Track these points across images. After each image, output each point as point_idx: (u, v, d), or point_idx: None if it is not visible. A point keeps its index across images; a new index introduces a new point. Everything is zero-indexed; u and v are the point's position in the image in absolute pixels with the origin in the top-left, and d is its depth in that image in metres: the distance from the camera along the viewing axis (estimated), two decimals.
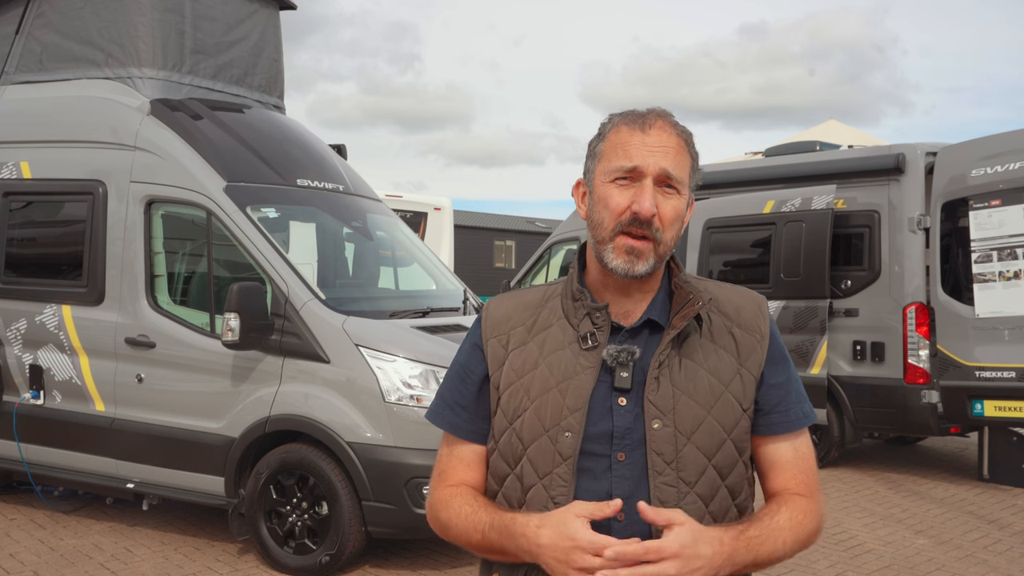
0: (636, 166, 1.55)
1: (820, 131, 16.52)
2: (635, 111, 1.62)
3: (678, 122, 1.61)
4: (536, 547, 1.49)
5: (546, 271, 11.28)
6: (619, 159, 1.57)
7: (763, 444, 1.66)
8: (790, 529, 1.58)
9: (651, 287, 1.65)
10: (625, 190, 1.56)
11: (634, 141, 1.57)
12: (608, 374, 1.59)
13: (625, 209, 1.55)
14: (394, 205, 9.71)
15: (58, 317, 5.95)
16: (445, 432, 1.74)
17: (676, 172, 1.57)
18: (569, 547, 1.45)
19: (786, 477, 1.65)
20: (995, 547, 6.06)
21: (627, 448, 1.56)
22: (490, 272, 32.29)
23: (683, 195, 1.60)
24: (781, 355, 1.68)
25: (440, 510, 1.68)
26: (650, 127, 1.57)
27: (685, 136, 1.61)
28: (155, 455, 5.62)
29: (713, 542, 1.48)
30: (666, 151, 1.56)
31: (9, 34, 6.66)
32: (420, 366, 5.11)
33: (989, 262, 7.29)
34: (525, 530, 1.52)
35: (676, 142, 1.58)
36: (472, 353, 1.72)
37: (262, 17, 6.98)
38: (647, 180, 1.55)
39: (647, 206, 1.54)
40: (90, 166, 6.00)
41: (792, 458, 1.66)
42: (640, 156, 1.56)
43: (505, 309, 1.72)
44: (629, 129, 1.58)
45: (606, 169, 1.59)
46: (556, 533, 1.47)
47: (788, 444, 1.66)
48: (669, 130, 1.58)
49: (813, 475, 1.67)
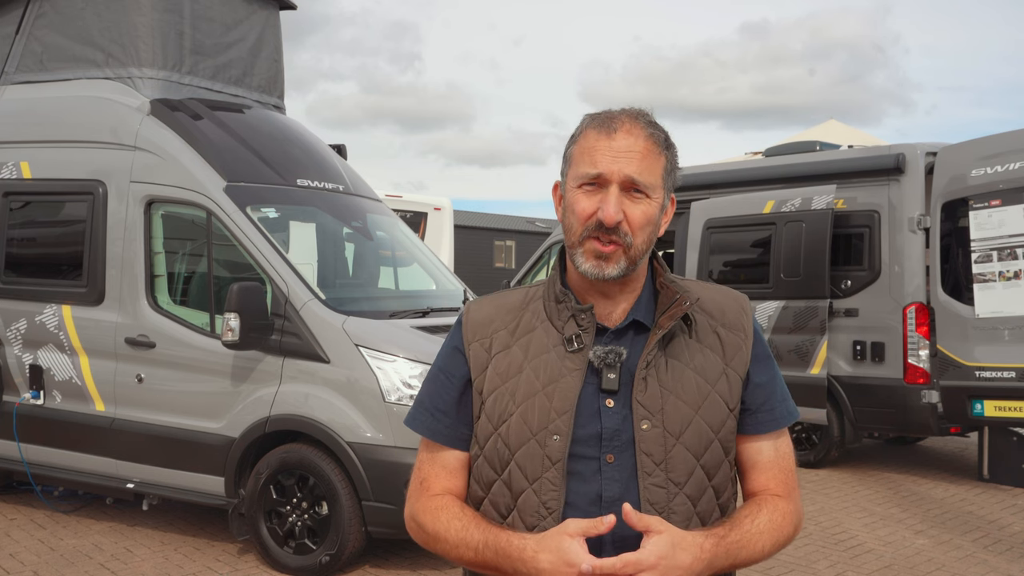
0: (600, 173, 1.54)
1: (820, 131, 16.51)
2: (607, 112, 1.60)
3: (652, 121, 1.59)
4: (536, 572, 1.49)
5: (546, 271, 11.26)
6: (585, 165, 1.56)
7: (746, 443, 1.66)
8: (769, 532, 1.59)
9: (634, 288, 1.64)
10: (591, 196, 1.56)
11: (600, 147, 1.55)
12: (595, 376, 1.58)
13: (591, 215, 1.55)
14: (394, 205, 9.70)
15: (58, 317, 5.95)
16: (424, 438, 1.72)
17: (643, 177, 1.54)
18: (572, 574, 1.45)
19: (767, 477, 1.66)
20: (995, 547, 6.06)
21: (616, 450, 1.56)
22: (490, 272, 32.30)
23: (654, 199, 1.57)
24: (765, 354, 1.68)
25: (426, 522, 1.66)
26: (616, 131, 1.55)
27: (656, 137, 1.57)
28: (155, 455, 5.62)
29: (693, 548, 1.48)
30: (631, 156, 1.54)
31: (9, 34, 6.66)
32: (420, 366, 5.11)
33: (989, 262, 7.28)
34: (523, 554, 1.50)
35: (644, 145, 1.55)
36: (453, 357, 1.70)
37: (261, 18, 6.98)
38: (612, 187, 1.54)
39: (610, 213, 1.52)
40: (90, 166, 6.00)
41: (773, 458, 1.67)
42: (604, 163, 1.54)
43: (486, 312, 1.70)
44: (596, 134, 1.57)
45: (575, 175, 1.58)
46: (556, 559, 1.46)
47: (770, 444, 1.67)
48: (637, 132, 1.56)
49: (792, 475, 1.68)
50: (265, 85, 6.99)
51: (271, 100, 7.04)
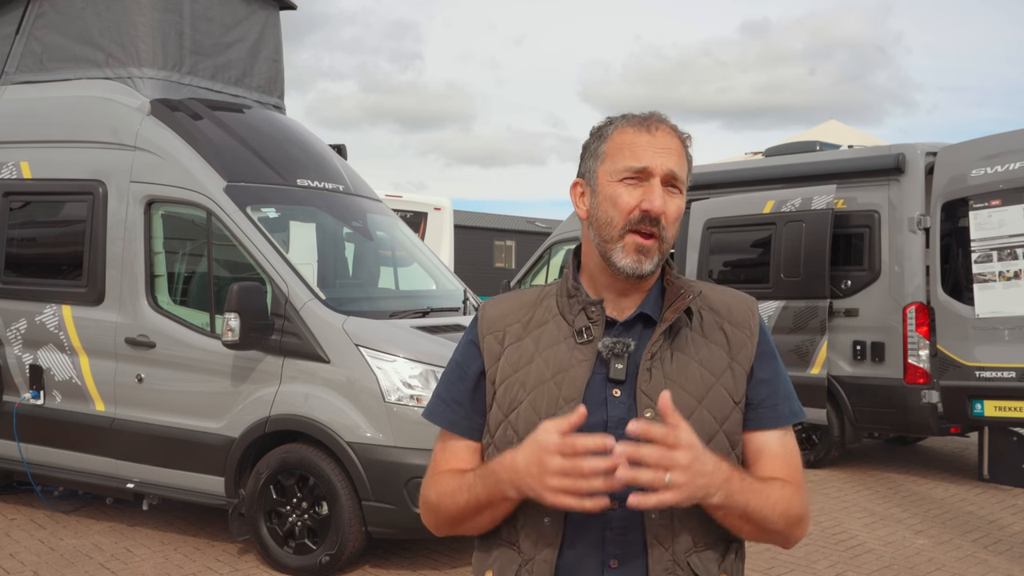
0: (646, 166, 1.61)
1: (820, 131, 16.52)
2: (636, 114, 1.68)
3: (677, 125, 1.68)
4: (515, 474, 1.51)
5: (546, 271, 11.27)
6: (627, 159, 1.62)
7: (751, 437, 1.67)
8: (779, 498, 1.59)
9: (645, 285, 1.69)
10: (634, 189, 1.61)
11: (641, 142, 1.62)
12: (603, 366, 1.62)
13: (635, 207, 1.60)
14: (394, 205, 9.71)
15: (58, 317, 5.95)
16: (441, 430, 1.76)
17: (680, 173, 1.63)
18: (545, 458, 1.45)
19: (773, 467, 1.66)
20: (995, 547, 6.06)
21: (621, 438, 1.56)
22: (490, 272, 32.30)
23: (683, 195, 1.66)
24: (770, 352, 1.71)
25: (430, 495, 1.70)
26: (656, 129, 1.64)
27: (683, 140, 1.67)
28: (155, 455, 5.62)
29: (714, 458, 1.49)
30: (670, 152, 1.62)
31: (9, 34, 6.66)
32: (420, 366, 5.11)
33: (989, 262, 7.28)
34: (502, 462, 1.54)
35: (678, 144, 1.65)
36: (468, 350, 1.75)
37: (261, 18, 6.98)
38: (655, 180, 1.61)
39: (658, 204, 1.59)
40: (90, 166, 6.00)
41: (779, 451, 1.68)
42: (649, 156, 1.61)
43: (501, 308, 1.76)
44: (635, 130, 1.64)
45: (613, 169, 1.64)
46: (531, 449, 1.48)
47: (776, 439, 1.68)
48: (672, 133, 1.65)
49: (799, 472, 1.69)
50: (265, 85, 7.00)
51: (271, 100, 7.04)
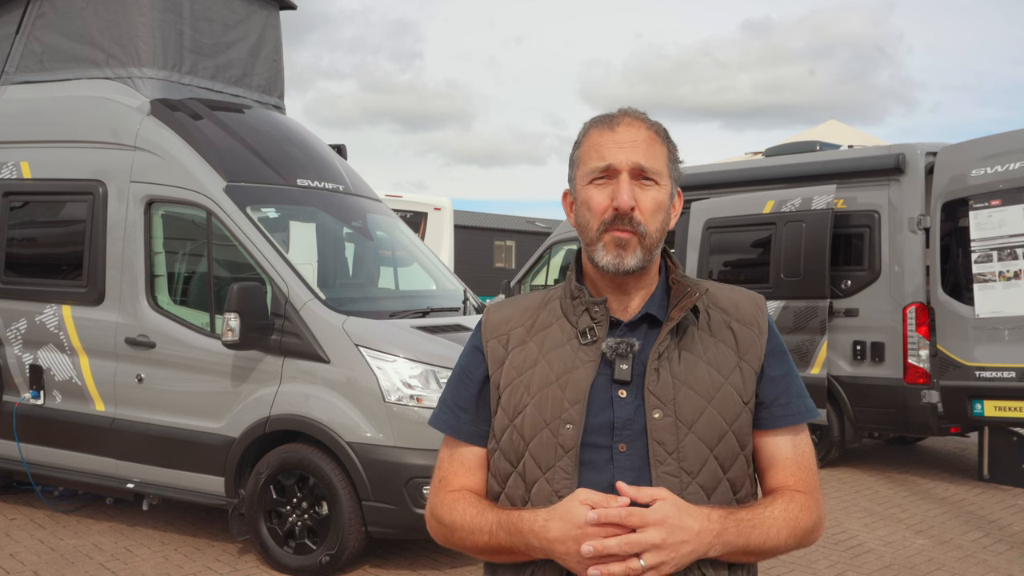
0: (609, 164, 1.59)
1: (820, 131, 16.53)
2: (605, 114, 1.67)
3: (648, 117, 1.66)
4: (547, 542, 1.50)
5: (546, 271, 11.27)
6: (593, 160, 1.61)
7: (763, 438, 1.66)
8: (784, 520, 1.58)
9: (648, 284, 1.67)
10: (604, 188, 1.60)
11: (604, 140, 1.61)
12: (608, 367, 1.60)
13: (607, 207, 1.59)
14: (394, 205, 9.71)
15: (58, 317, 5.95)
16: (446, 435, 1.75)
17: (649, 163, 1.60)
18: (579, 535, 1.46)
19: (785, 474, 1.65)
20: (995, 547, 6.06)
21: (628, 439, 1.57)
22: (490, 272, 32.27)
23: (663, 185, 1.62)
24: (780, 350, 1.69)
25: (443, 513, 1.67)
26: (617, 125, 1.62)
27: (656, 128, 1.65)
28: (155, 455, 5.62)
29: (700, 517, 1.49)
30: (635, 144, 1.60)
31: (9, 34, 6.66)
32: (420, 366, 5.11)
33: (989, 262, 7.29)
34: (533, 526, 1.52)
35: (646, 135, 1.62)
36: (472, 355, 1.74)
37: (260, 18, 6.98)
38: (622, 175, 1.59)
39: (624, 199, 1.57)
40: (90, 166, 6.00)
41: (792, 456, 1.66)
42: (612, 154, 1.60)
43: (505, 313, 1.75)
44: (599, 131, 1.63)
45: (584, 172, 1.63)
46: (565, 524, 1.48)
47: (788, 441, 1.66)
48: (638, 124, 1.63)
49: (813, 474, 1.67)
50: (265, 85, 7.00)
51: (271, 100, 7.04)
